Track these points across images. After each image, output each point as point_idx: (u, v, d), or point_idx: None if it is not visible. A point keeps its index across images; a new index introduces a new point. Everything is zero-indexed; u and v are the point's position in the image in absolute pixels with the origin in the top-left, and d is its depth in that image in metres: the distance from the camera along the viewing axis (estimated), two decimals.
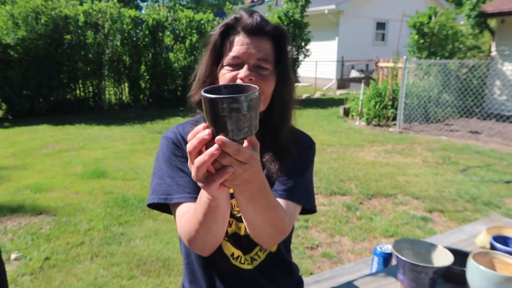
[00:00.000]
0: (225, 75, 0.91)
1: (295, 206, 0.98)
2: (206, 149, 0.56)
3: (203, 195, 0.70)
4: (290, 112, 1.00)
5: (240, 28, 0.93)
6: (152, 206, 0.98)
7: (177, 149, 0.99)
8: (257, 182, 0.65)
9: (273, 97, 0.96)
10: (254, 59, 0.90)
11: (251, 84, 0.63)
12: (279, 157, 0.99)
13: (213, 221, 0.74)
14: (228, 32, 0.95)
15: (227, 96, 0.53)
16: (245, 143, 0.59)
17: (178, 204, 0.93)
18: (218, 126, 0.55)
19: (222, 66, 0.94)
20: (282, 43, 0.97)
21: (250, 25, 0.92)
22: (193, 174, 0.59)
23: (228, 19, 0.96)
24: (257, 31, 0.93)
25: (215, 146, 0.55)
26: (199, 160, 0.56)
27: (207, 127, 0.57)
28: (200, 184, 0.61)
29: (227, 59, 0.93)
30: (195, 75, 1.01)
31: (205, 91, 0.56)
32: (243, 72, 0.88)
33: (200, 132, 0.57)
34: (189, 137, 0.59)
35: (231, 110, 0.53)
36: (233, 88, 0.63)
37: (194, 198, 0.90)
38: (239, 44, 0.92)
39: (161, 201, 0.94)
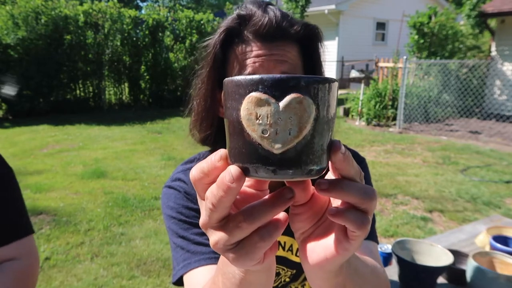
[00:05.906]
0: None
1: None
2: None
3: (229, 264, 0.43)
4: None
5: (250, 32, 0.66)
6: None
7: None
8: None
9: None
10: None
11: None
12: None
13: None
14: (232, 39, 0.67)
15: (285, 76, 0.30)
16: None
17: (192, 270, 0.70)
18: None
19: None
20: (314, 47, 0.70)
21: (266, 28, 0.64)
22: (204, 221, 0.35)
23: (230, 19, 0.68)
24: (277, 35, 0.65)
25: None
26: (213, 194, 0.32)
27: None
28: (229, 257, 0.34)
29: None
30: (191, 106, 0.77)
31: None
32: None
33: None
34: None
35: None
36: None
37: (214, 259, 0.69)
38: (252, 56, 0.65)
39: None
